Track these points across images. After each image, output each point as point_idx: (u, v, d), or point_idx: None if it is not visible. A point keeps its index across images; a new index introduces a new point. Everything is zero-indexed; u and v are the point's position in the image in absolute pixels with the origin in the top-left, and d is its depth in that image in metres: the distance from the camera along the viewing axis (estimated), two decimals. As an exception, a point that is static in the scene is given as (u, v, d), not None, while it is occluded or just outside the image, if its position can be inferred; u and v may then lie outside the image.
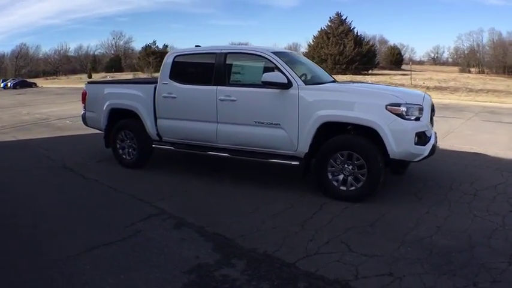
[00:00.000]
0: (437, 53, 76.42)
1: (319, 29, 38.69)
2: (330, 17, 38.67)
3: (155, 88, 5.27)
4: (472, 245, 3.10)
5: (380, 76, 31.19)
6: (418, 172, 5.02)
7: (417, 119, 3.94)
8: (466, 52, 57.65)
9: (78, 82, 39.69)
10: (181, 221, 3.71)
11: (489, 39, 53.20)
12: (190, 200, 4.37)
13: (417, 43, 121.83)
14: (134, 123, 5.59)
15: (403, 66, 53.02)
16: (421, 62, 70.33)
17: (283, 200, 4.18)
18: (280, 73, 4.31)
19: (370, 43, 39.12)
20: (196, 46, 5.60)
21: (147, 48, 56.93)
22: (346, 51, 35.07)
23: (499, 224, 3.45)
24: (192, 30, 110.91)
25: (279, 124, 4.35)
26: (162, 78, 5.22)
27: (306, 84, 4.31)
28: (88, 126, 6.45)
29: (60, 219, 3.84)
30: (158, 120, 5.30)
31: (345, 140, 4.09)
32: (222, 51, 4.88)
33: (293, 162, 4.35)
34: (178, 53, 5.27)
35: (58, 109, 15.59)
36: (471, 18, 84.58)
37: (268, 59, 4.52)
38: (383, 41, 65.66)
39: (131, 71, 56.21)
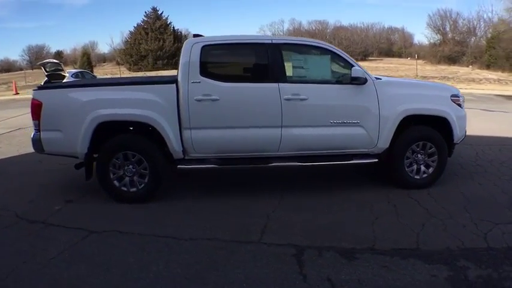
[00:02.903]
0: None
1: (135, 25, 36.11)
2: (146, 12, 36.48)
3: (178, 89, 3.74)
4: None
5: None
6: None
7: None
8: None
9: None
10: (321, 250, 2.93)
11: (289, 29, 56.42)
12: (290, 223, 3.40)
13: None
14: (142, 141, 3.81)
15: None
16: None
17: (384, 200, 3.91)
18: (359, 68, 3.91)
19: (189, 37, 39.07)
20: (195, 35, 4.27)
21: None
22: (166, 47, 34.05)
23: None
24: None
25: (358, 122, 3.95)
26: (188, 76, 3.74)
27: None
28: (45, 152, 3.96)
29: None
30: (186, 132, 3.79)
31: (422, 131, 4.13)
32: (274, 41, 3.94)
33: (373, 160, 4.10)
34: (207, 43, 3.85)
35: None
36: (274, 9, 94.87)
37: (335, 52, 4.00)
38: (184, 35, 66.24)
39: None
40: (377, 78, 4.18)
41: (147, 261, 2.78)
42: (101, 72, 31.63)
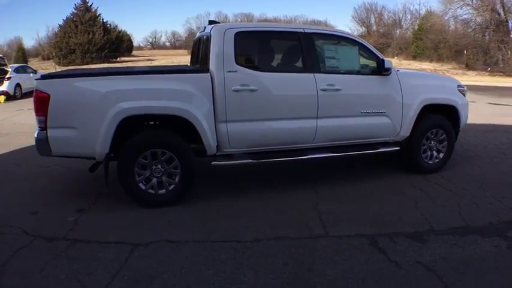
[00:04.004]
0: (155, 37, 72.32)
1: (65, 18, 32.43)
2: (75, 4, 32.90)
3: (212, 79, 3.34)
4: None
5: (130, 62, 29.49)
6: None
7: (464, 95, 4.77)
8: (185, 35, 59.08)
9: None
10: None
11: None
12: (342, 214, 3.27)
13: (135, 29, 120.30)
14: (173, 137, 3.33)
15: (134, 52, 50.87)
16: (140, 48, 69.06)
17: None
18: (386, 59, 3.93)
19: (118, 29, 36.56)
20: (211, 21, 3.92)
21: None
22: (96, 39, 31.12)
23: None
24: None
25: (384, 112, 3.99)
26: (224, 64, 3.37)
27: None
28: (52, 154, 3.23)
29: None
30: (221, 126, 3.42)
31: (437, 119, 4.30)
32: (306, 30, 3.75)
33: (395, 148, 4.17)
34: (240, 29, 3.49)
35: None
36: (200, 2, 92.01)
37: (361, 43, 3.97)
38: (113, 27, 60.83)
39: None
40: None
41: (229, 272, 2.41)
42: (35, 67, 28.07)
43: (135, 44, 50.95)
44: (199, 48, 4.20)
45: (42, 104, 3.14)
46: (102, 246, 2.74)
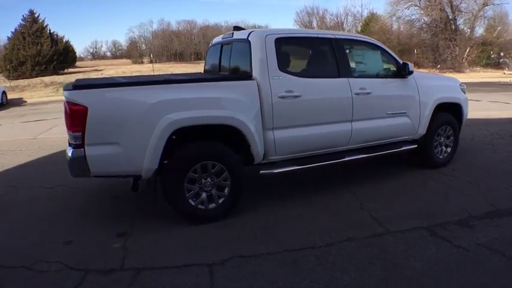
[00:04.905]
0: (95, 47, 68.74)
1: (13, 30, 29.66)
2: (23, 15, 30.14)
3: (258, 86, 3.26)
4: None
5: (79, 74, 27.68)
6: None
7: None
8: (127, 44, 57.10)
9: None
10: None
11: (158, 29, 53.77)
12: (390, 210, 3.35)
13: (76, 39, 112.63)
14: (223, 147, 3.18)
15: (77, 63, 47.36)
16: (80, 59, 64.35)
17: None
18: (408, 63, 4.12)
19: (64, 40, 34.11)
20: (235, 27, 3.86)
21: None
22: (44, 51, 28.75)
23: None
24: None
25: (405, 112, 4.18)
26: (268, 71, 3.29)
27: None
28: (92, 175, 2.88)
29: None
30: (268, 133, 3.35)
31: (446, 117, 4.58)
32: (336, 36, 3.81)
33: (414, 146, 4.37)
34: (279, 35, 3.44)
35: None
36: (141, 11, 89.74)
37: (382, 48, 4.14)
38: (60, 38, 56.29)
39: None
40: None
41: (325, 278, 2.36)
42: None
43: (76, 54, 47.85)
44: (221, 55, 4.09)
45: (78, 118, 2.79)
46: (174, 271, 2.51)
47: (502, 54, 26.18)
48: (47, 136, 7.48)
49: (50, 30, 31.10)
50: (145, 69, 28.53)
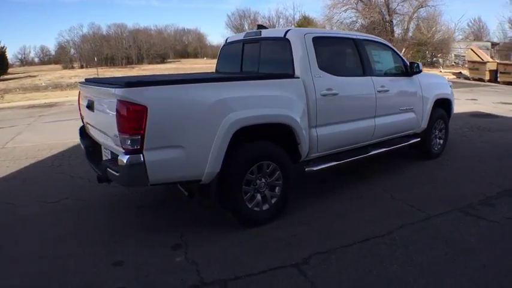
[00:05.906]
0: (24, 53, 65.45)
1: None
2: None
3: (304, 84, 3.30)
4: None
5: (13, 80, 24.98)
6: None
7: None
8: (55, 49, 54.93)
9: None
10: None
11: (88, 33, 51.50)
12: (427, 198, 3.60)
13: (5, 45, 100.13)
14: (276, 147, 3.16)
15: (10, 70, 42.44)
16: (10, 65, 57.85)
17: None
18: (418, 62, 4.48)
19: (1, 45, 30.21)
20: (259, 26, 3.89)
21: None
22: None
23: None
24: None
25: (412, 108, 4.55)
26: (311, 69, 3.35)
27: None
28: (150, 183, 2.63)
29: None
30: (312, 131, 3.42)
31: (440, 111, 5.05)
32: (358, 37, 4.03)
33: (418, 139, 4.76)
34: (315, 34, 3.53)
35: None
36: (71, 15, 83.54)
37: (392, 48, 4.48)
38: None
39: None
40: None
41: (401, 268, 2.53)
42: None
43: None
44: (243, 53, 4.06)
45: (136, 120, 2.50)
46: (262, 277, 2.45)
47: (433, 53, 28.64)
48: (15, 145, 6.65)
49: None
50: (83, 73, 26.21)
